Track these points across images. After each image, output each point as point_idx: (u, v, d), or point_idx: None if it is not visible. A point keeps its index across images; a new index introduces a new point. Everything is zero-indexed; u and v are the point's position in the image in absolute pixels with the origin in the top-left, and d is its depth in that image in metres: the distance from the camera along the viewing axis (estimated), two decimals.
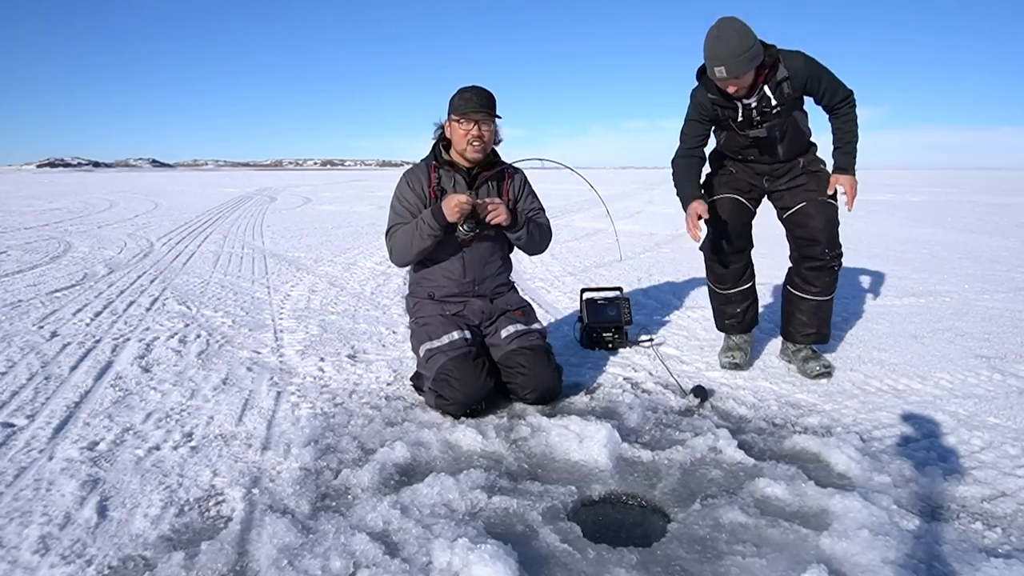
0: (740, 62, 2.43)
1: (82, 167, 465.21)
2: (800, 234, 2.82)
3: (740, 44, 2.42)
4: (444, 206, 2.43)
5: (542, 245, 2.79)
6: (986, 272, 5.76)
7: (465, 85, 2.56)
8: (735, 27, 2.44)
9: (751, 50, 2.44)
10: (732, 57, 2.42)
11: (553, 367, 2.59)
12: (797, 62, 2.61)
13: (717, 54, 2.45)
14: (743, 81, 2.51)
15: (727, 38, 2.43)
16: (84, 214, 12.39)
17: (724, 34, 2.43)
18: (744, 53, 2.42)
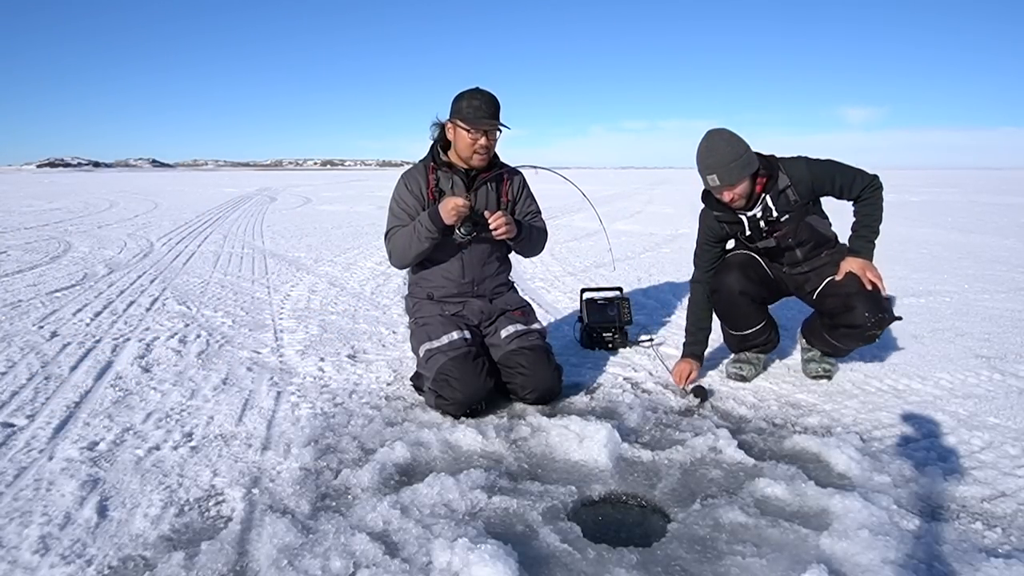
0: (731, 169, 2.44)
1: (82, 167, 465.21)
2: (832, 304, 2.66)
3: (729, 152, 2.44)
4: (441, 209, 2.41)
5: (538, 248, 2.78)
6: (986, 272, 5.76)
7: (470, 88, 2.51)
8: (723, 136, 2.48)
9: (742, 158, 2.46)
10: (722, 165, 2.44)
11: (553, 367, 2.59)
12: (798, 169, 2.59)
13: (708, 163, 2.47)
14: (738, 190, 2.50)
15: (716, 147, 2.46)
16: (84, 214, 12.39)
17: (713, 144, 2.47)
18: (734, 161, 2.44)
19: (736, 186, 2.48)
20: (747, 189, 2.53)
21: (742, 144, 2.48)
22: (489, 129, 2.48)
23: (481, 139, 2.48)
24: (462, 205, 2.39)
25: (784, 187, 2.58)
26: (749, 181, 2.52)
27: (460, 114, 2.47)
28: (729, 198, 2.53)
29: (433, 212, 2.43)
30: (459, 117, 2.48)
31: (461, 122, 2.47)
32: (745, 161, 2.47)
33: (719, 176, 2.46)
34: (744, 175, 2.47)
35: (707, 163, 2.48)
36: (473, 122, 2.45)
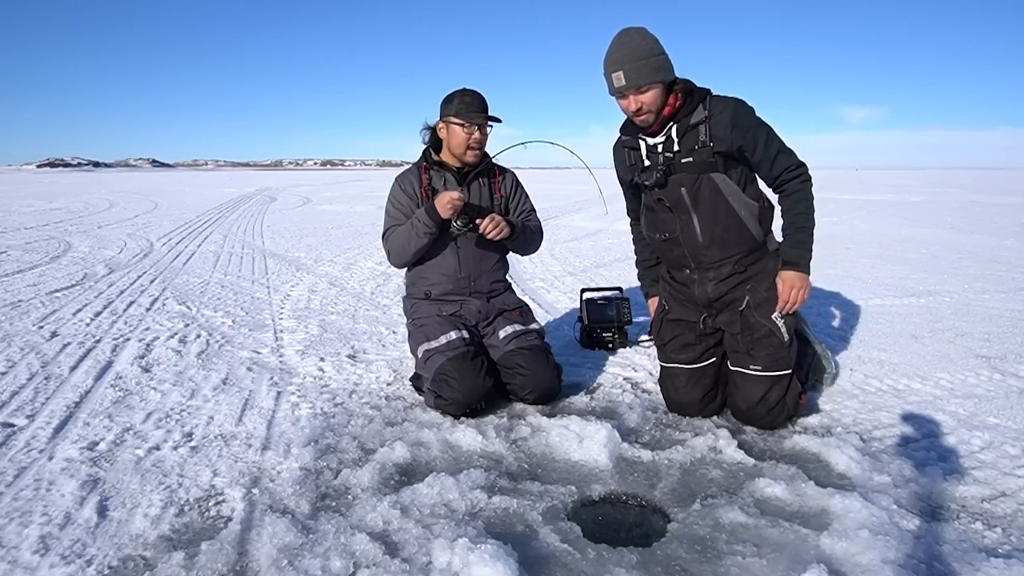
0: (642, 67, 2.08)
1: (82, 167, 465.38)
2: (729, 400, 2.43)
3: (643, 47, 2.09)
4: (437, 203, 2.45)
5: (532, 247, 2.81)
6: (986, 272, 5.76)
7: (459, 88, 2.57)
8: (639, 32, 2.14)
9: (657, 57, 2.11)
10: (632, 59, 2.08)
11: (552, 367, 2.59)
12: (724, 106, 2.16)
13: (616, 57, 2.11)
14: (646, 98, 2.12)
15: (628, 41, 2.12)
16: (84, 214, 12.39)
17: (626, 37, 2.13)
18: (647, 58, 2.09)
19: (644, 90, 2.11)
20: (656, 101, 2.14)
21: (658, 44, 2.12)
22: (482, 123, 2.54)
23: (475, 133, 2.54)
24: (457, 198, 2.43)
25: (697, 122, 2.17)
26: (661, 91, 2.13)
27: (452, 112, 2.53)
28: (635, 107, 2.14)
29: (430, 207, 2.48)
30: (452, 114, 2.53)
31: (455, 118, 2.52)
32: (660, 64, 2.11)
33: (625, 74, 2.08)
34: (655, 80, 2.10)
35: (615, 58, 2.11)
36: (466, 116, 2.50)
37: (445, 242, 2.59)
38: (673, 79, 2.16)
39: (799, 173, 2.23)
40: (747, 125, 2.16)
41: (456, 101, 2.53)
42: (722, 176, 2.20)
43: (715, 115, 2.16)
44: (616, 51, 2.11)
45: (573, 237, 8.54)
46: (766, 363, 2.28)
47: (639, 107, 2.14)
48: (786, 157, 2.21)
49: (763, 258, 2.32)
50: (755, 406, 2.28)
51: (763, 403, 2.27)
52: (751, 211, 2.24)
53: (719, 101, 2.18)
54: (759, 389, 2.27)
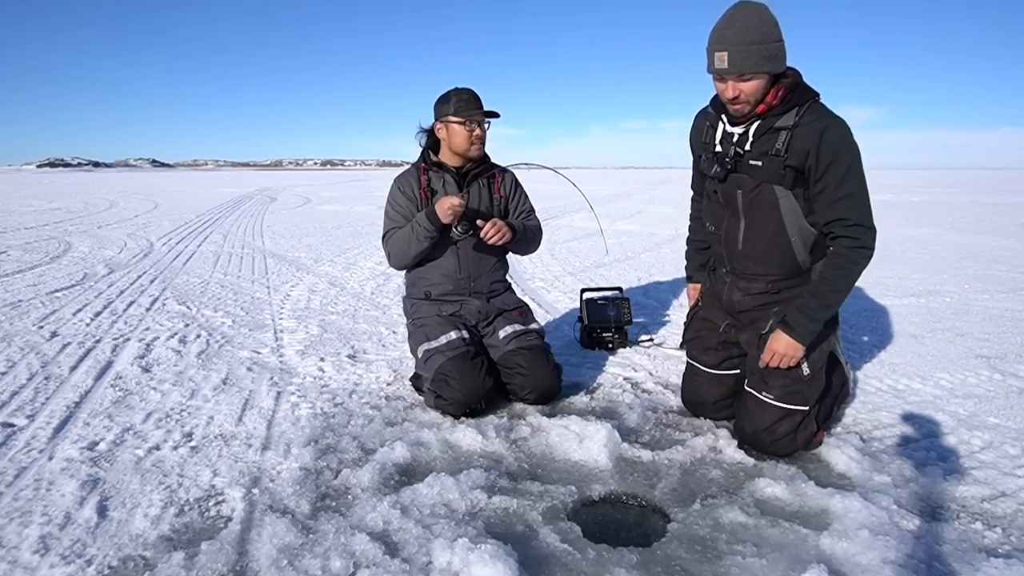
0: (751, 51, 1.82)
1: (82, 167, 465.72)
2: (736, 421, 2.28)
3: (758, 30, 1.83)
4: (437, 208, 2.43)
5: (532, 247, 2.80)
6: (986, 272, 5.76)
7: (450, 89, 2.55)
8: (758, 9, 1.85)
9: (771, 44, 1.84)
10: (742, 42, 1.82)
11: (552, 367, 2.59)
12: (817, 119, 1.90)
13: (724, 35, 1.85)
14: (747, 87, 1.88)
15: (744, 18, 1.84)
16: (84, 214, 12.39)
17: (742, 14, 1.85)
18: (760, 43, 1.82)
19: (747, 79, 1.87)
20: (757, 92, 1.90)
21: (777, 29, 1.85)
22: (481, 119, 2.54)
23: (476, 129, 2.53)
24: (457, 204, 2.41)
25: (781, 126, 1.94)
26: (765, 83, 1.88)
27: (451, 111, 2.52)
28: (733, 94, 1.91)
29: (430, 211, 2.46)
30: (450, 113, 2.52)
31: (454, 117, 2.51)
32: (772, 52, 1.85)
33: (730, 57, 1.83)
34: (763, 69, 1.85)
35: (722, 35, 1.85)
36: (466, 113, 2.50)
37: (445, 244, 2.59)
38: (782, 71, 1.91)
39: (856, 235, 1.91)
40: (829, 150, 1.88)
41: (453, 100, 2.52)
42: (786, 192, 1.98)
43: (802, 125, 1.92)
44: (726, 27, 1.84)
45: (573, 237, 8.54)
46: (779, 394, 2.10)
47: (736, 95, 1.91)
48: (850, 208, 1.91)
49: (801, 285, 2.13)
50: (760, 433, 2.12)
51: (768, 432, 2.10)
52: (804, 237, 2.04)
53: (815, 112, 1.93)
54: (767, 418, 2.10)
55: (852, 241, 1.93)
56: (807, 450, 2.16)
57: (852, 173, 1.90)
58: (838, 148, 1.89)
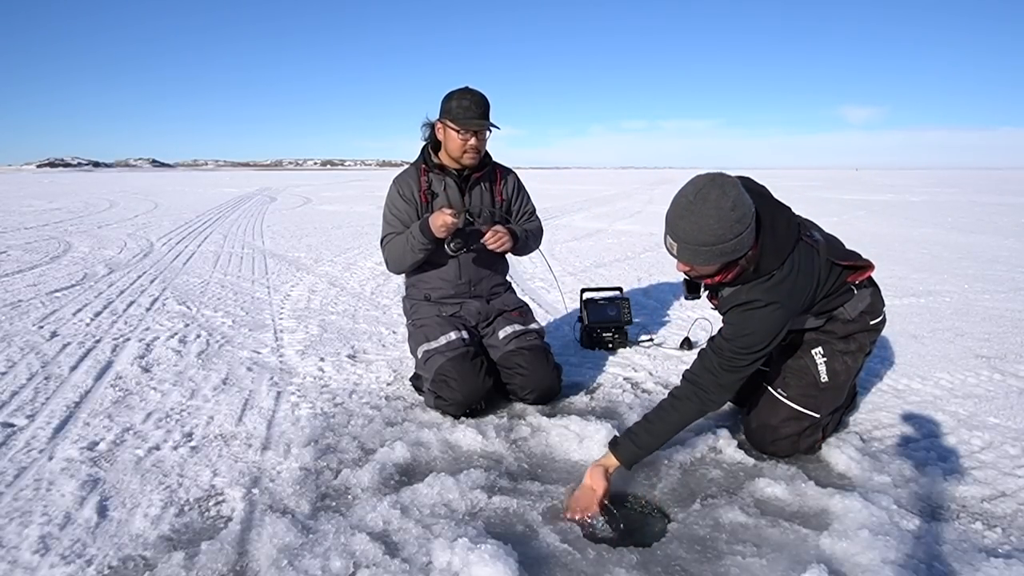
0: (699, 252, 1.76)
1: (82, 167, 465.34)
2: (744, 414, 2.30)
3: (712, 232, 1.71)
4: (431, 222, 2.37)
5: (532, 249, 2.76)
6: (986, 272, 5.76)
7: (459, 87, 2.48)
8: (719, 205, 1.70)
9: (726, 244, 1.74)
10: (692, 242, 1.75)
11: (552, 367, 2.59)
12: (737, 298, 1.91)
13: (677, 227, 1.76)
14: (703, 270, 1.87)
15: (699, 216, 1.71)
16: (84, 214, 12.39)
17: (699, 208, 1.71)
18: (713, 244, 1.73)
19: (697, 269, 1.87)
20: (711, 272, 1.89)
21: (738, 225, 1.72)
22: (479, 129, 2.46)
23: (471, 139, 2.46)
24: (451, 223, 2.34)
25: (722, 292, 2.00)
26: (720, 266, 1.85)
27: (450, 114, 2.44)
28: (684, 270, 1.92)
29: (424, 225, 2.40)
30: (448, 117, 2.44)
31: (450, 122, 2.44)
32: (728, 248, 1.75)
33: (680, 251, 1.79)
34: (714, 263, 1.80)
35: (676, 228, 1.77)
36: (463, 122, 2.42)
37: (441, 248, 2.52)
38: (741, 256, 1.83)
39: (703, 384, 1.92)
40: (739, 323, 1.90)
41: (454, 104, 2.43)
42: None
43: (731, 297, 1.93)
44: (680, 220, 1.75)
45: (573, 237, 8.54)
46: (793, 393, 2.11)
47: (688, 270, 1.90)
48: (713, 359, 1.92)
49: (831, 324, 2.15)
50: (765, 428, 2.13)
51: (773, 431, 2.11)
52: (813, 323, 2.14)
53: (738, 295, 1.91)
54: (776, 416, 2.11)
55: (697, 384, 1.93)
56: (806, 455, 2.16)
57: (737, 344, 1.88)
58: (740, 324, 1.89)
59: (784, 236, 1.91)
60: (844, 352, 2.13)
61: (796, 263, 1.91)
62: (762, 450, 2.16)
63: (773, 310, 1.87)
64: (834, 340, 2.14)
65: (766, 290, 1.88)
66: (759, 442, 2.16)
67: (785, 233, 1.91)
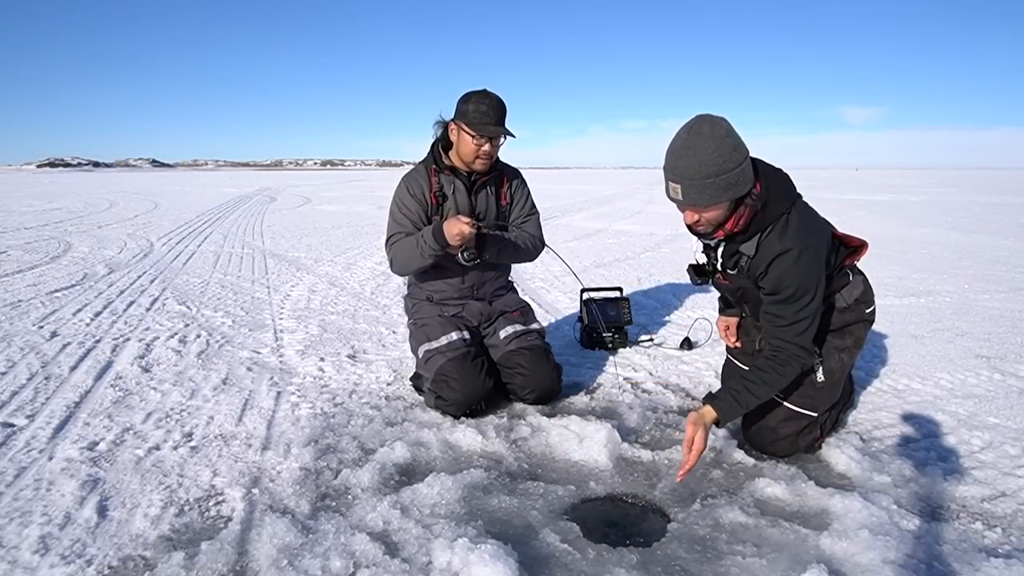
0: (705, 187, 1.72)
1: (82, 167, 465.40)
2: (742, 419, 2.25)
3: (711, 163, 1.69)
4: (446, 230, 2.30)
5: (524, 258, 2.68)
6: (986, 272, 5.76)
7: (478, 90, 2.42)
8: (713, 136, 1.70)
9: (727, 175, 1.72)
10: (695, 176, 1.71)
11: (552, 367, 2.59)
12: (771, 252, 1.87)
13: (676, 166, 1.74)
14: (707, 214, 1.82)
15: (697, 149, 1.70)
16: (84, 214, 12.39)
17: (696, 142, 1.70)
18: (715, 176, 1.71)
19: (705, 209, 1.81)
20: (719, 216, 1.84)
21: (736, 153, 1.72)
22: (494, 136, 2.40)
23: (485, 145, 2.40)
24: (468, 233, 2.28)
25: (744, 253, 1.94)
26: (726, 207, 1.81)
27: (465, 117, 2.39)
28: (692, 220, 1.87)
29: (437, 231, 2.33)
30: (464, 120, 2.39)
31: (466, 126, 2.39)
32: (731, 180, 1.73)
33: (683, 191, 1.75)
34: (722, 199, 1.76)
35: (674, 167, 1.74)
36: (478, 127, 2.36)
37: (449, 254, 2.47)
38: (745, 192, 1.81)
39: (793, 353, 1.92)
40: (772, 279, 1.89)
41: (471, 108, 2.37)
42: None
43: (758, 255, 1.90)
44: (678, 159, 1.73)
45: (573, 237, 8.54)
46: (790, 394, 2.10)
47: (696, 220, 1.86)
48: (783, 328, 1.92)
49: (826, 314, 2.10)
50: (762, 430, 2.12)
51: (771, 432, 2.11)
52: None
53: (770, 245, 1.88)
54: (774, 416, 2.10)
55: (779, 352, 1.94)
56: (807, 453, 2.16)
57: (788, 301, 1.90)
58: (780, 279, 1.88)
59: (783, 177, 1.91)
60: (840, 349, 2.13)
61: (805, 209, 1.93)
62: (762, 450, 2.16)
63: (808, 255, 1.86)
64: (830, 337, 2.14)
65: (792, 236, 1.86)
66: (758, 443, 2.16)
67: (782, 176, 1.92)
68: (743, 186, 1.78)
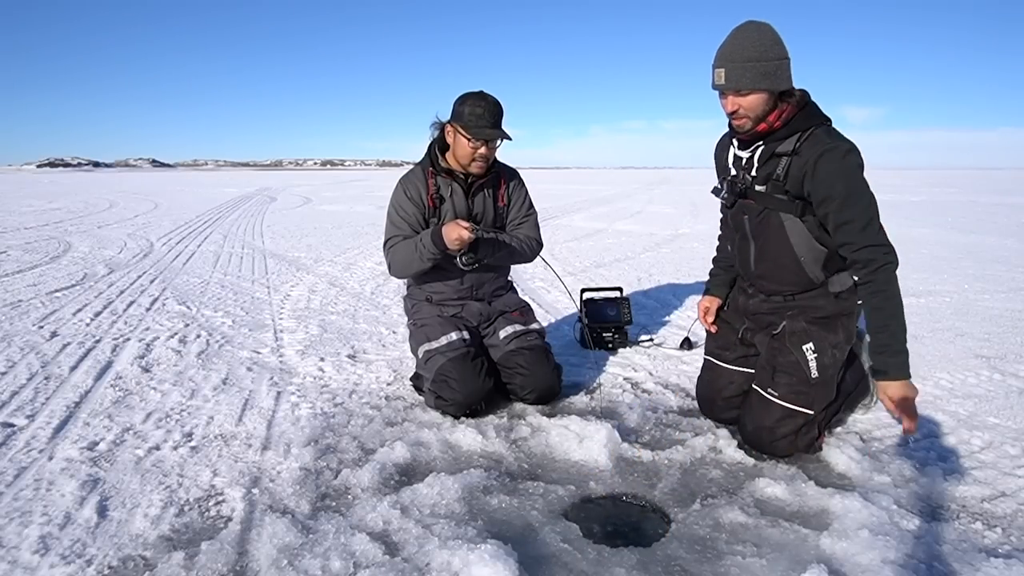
0: (746, 69, 1.85)
1: (82, 167, 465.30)
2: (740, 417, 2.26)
3: (754, 48, 1.86)
4: (445, 235, 2.31)
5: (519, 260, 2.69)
6: (986, 272, 5.76)
7: (474, 92, 2.40)
8: (757, 29, 1.88)
9: (768, 63, 1.86)
10: (738, 58, 1.86)
11: (552, 367, 2.59)
12: (815, 147, 1.90)
13: (722, 51, 1.90)
14: (746, 102, 1.90)
15: (742, 37, 1.88)
16: (84, 214, 12.39)
17: (740, 33, 1.89)
18: (756, 61, 1.85)
19: (745, 94, 1.89)
20: (757, 108, 1.91)
21: (777, 47, 1.87)
22: (490, 139, 2.40)
23: (481, 148, 2.39)
24: (467, 238, 2.28)
25: (782, 152, 1.96)
26: (766, 99, 1.90)
27: (461, 119, 2.38)
28: (732, 109, 1.94)
29: (436, 235, 2.34)
30: (460, 123, 2.38)
31: (462, 129, 2.38)
32: (769, 70, 1.86)
33: (727, 73, 1.87)
34: (761, 85, 1.86)
35: (720, 52, 1.89)
36: (474, 130, 2.35)
37: (448, 257, 2.47)
38: (784, 88, 1.91)
39: (870, 258, 1.92)
40: (824, 181, 1.88)
41: (467, 111, 2.36)
42: (793, 219, 2.01)
43: (800, 153, 1.93)
44: (725, 45, 1.89)
45: (573, 237, 8.54)
46: (783, 392, 2.10)
47: (735, 109, 1.93)
48: (853, 234, 1.91)
49: (818, 297, 2.13)
50: (761, 430, 2.12)
51: (769, 432, 2.10)
52: (815, 256, 2.05)
53: (815, 139, 1.92)
54: (769, 416, 2.10)
55: (869, 264, 1.94)
56: (808, 453, 2.15)
57: (850, 200, 1.90)
58: (832, 178, 1.89)
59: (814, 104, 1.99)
60: (833, 346, 2.13)
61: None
62: (761, 451, 2.16)
63: (855, 158, 1.91)
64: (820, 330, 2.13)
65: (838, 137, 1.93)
66: (757, 444, 2.16)
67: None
68: (781, 80, 1.89)
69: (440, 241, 2.33)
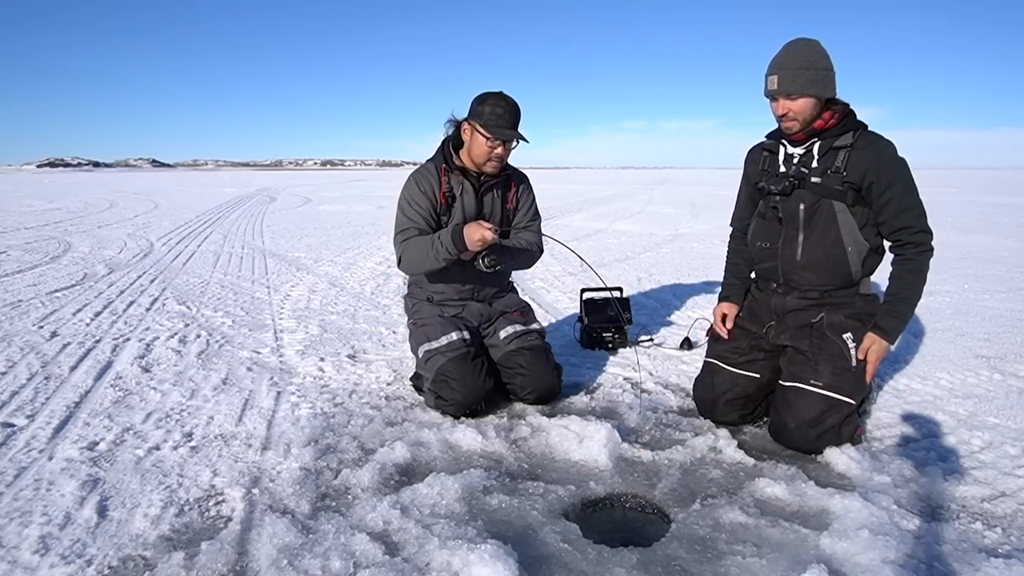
0: (796, 75, 2.07)
1: (82, 167, 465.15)
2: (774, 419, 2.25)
3: (804, 58, 2.08)
4: (467, 235, 2.28)
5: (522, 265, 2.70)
6: (986, 272, 5.76)
7: (495, 92, 2.40)
8: (808, 43, 2.12)
9: (816, 71, 2.08)
10: (789, 67, 2.09)
11: (552, 367, 2.59)
12: (872, 141, 2.14)
13: (776, 61, 2.13)
14: (795, 105, 2.11)
15: (793, 48, 2.12)
16: (84, 214, 12.39)
17: (792, 45, 2.13)
18: (805, 69, 2.08)
19: (795, 98, 2.10)
20: (806, 112, 2.12)
21: (824, 58, 2.10)
22: (508, 140, 2.39)
23: (498, 148, 2.39)
24: (490, 239, 2.27)
25: (840, 145, 2.16)
26: (813, 104, 2.11)
27: (481, 118, 2.37)
28: (782, 112, 2.14)
29: (456, 235, 2.31)
30: (479, 121, 2.37)
31: (481, 127, 2.37)
32: (816, 77, 2.09)
33: (779, 79, 2.09)
34: (809, 91, 2.09)
35: (774, 62, 2.12)
36: (494, 130, 2.35)
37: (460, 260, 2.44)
38: (830, 96, 2.14)
39: (921, 240, 2.14)
40: (888, 168, 2.11)
41: (487, 110, 2.35)
42: (844, 208, 2.17)
43: (859, 147, 2.14)
44: (778, 56, 2.13)
45: (573, 237, 8.54)
46: (828, 380, 2.12)
47: (786, 112, 2.14)
48: (914, 216, 2.13)
49: (851, 295, 2.26)
50: (805, 427, 2.09)
51: (815, 426, 2.08)
52: (859, 249, 2.19)
53: (869, 136, 2.16)
54: (814, 408, 2.09)
55: (919, 246, 2.15)
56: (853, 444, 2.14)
57: (911, 187, 2.13)
58: (896, 167, 2.12)
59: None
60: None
61: None
62: (802, 450, 2.15)
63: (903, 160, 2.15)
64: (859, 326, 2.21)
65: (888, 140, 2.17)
66: (801, 441, 2.13)
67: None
68: (827, 88, 2.12)
69: (460, 241, 2.30)
